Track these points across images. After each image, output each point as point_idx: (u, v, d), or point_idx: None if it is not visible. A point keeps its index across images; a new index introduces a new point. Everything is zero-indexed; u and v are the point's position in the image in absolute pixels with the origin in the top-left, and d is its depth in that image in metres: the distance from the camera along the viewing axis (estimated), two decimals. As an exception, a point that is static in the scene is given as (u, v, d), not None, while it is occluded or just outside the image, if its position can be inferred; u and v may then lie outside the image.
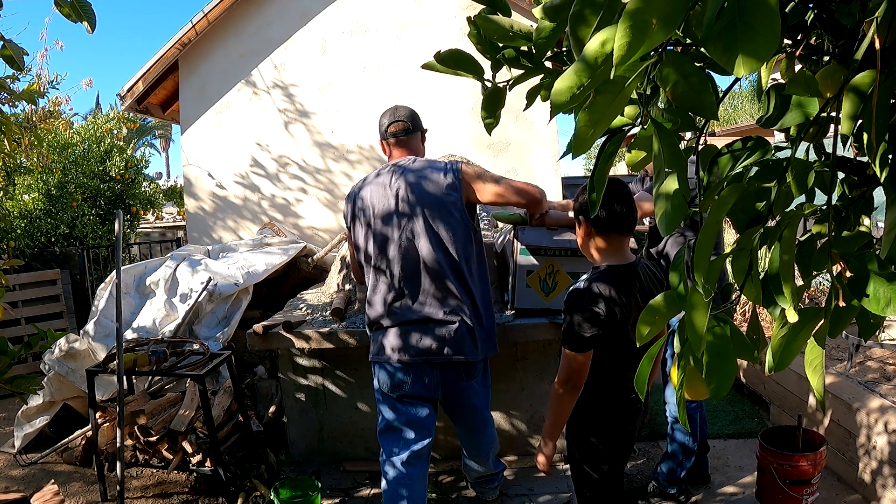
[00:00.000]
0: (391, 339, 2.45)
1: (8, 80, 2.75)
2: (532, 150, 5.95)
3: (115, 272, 3.39)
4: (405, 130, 2.52)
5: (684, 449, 2.94)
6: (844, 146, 0.85)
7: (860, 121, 0.80)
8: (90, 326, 3.85)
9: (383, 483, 2.52)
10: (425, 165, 2.48)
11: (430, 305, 2.42)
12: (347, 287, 3.63)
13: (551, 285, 3.00)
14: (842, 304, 0.82)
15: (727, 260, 0.89)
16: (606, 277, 1.89)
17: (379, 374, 2.51)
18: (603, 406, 1.98)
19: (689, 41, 0.87)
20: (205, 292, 3.83)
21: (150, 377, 3.50)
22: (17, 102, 3.11)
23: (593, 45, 0.70)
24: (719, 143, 3.43)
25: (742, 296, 0.90)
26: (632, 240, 2.08)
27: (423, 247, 2.41)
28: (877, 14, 0.74)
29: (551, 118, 0.94)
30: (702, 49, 0.83)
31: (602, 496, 2.06)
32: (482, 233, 3.30)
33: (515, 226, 2.89)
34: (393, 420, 2.51)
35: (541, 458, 2.00)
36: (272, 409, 3.72)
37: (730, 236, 5.55)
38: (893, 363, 3.42)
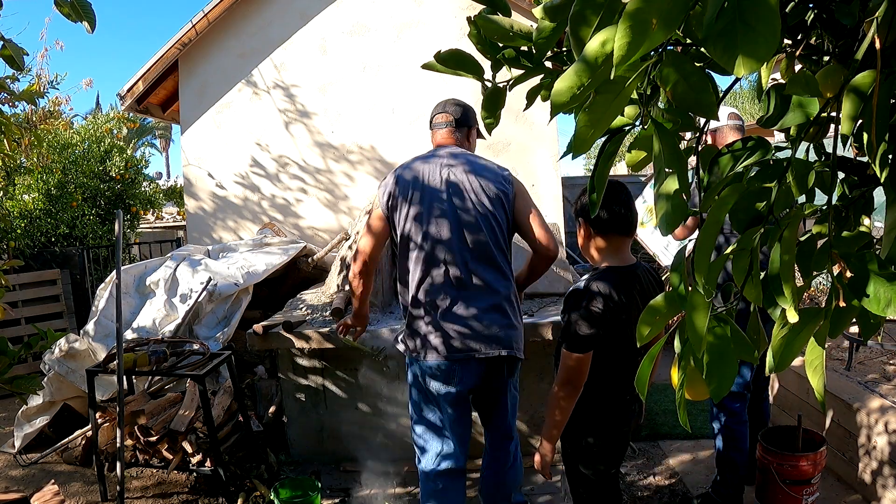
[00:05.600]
0: (435, 333, 2.27)
1: (8, 80, 2.75)
2: (532, 150, 5.94)
3: (115, 272, 3.39)
4: (447, 123, 2.46)
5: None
6: (844, 146, 0.85)
7: (860, 121, 0.79)
8: (90, 326, 3.85)
9: (421, 494, 2.43)
10: (479, 157, 2.44)
11: (480, 296, 2.27)
12: (347, 287, 3.63)
13: None
14: (842, 304, 0.82)
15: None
16: (606, 278, 1.89)
17: (418, 371, 2.33)
18: (598, 407, 1.98)
19: (689, 41, 0.87)
20: (205, 292, 3.83)
21: (150, 377, 3.50)
22: (17, 102, 3.12)
23: (593, 45, 0.70)
24: (719, 143, 3.42)
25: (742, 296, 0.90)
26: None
27: (476, 234, 2.28)
28: (877, 14, 0.74)
29: (551, 118, 0.94)
30: (702, 49, 0.83)
31: (597, 496, 2.06)
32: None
33: None
34: (431, 424, 2.37)
35: (537, 459, 1.99)
36: (272, 409, 3.72)
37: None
38: (893, 363, 3.42)
